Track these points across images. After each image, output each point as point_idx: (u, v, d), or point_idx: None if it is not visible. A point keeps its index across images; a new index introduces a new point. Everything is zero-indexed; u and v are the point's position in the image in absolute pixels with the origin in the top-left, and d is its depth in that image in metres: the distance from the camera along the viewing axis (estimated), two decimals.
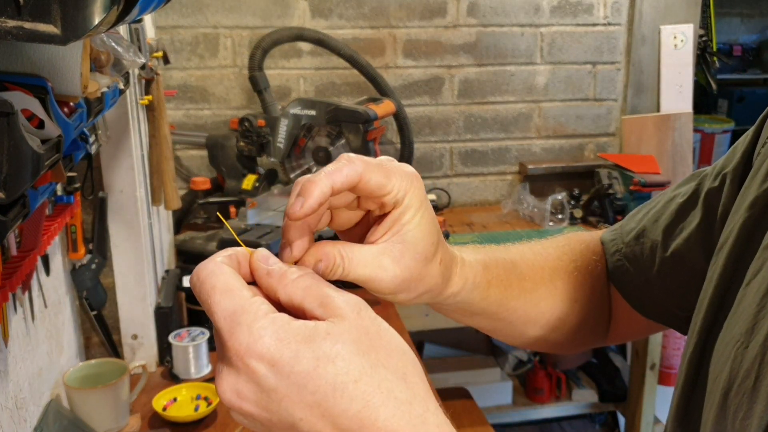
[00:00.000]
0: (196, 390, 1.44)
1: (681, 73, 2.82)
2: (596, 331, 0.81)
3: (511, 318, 0.73)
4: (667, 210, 0.75)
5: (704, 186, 0.71)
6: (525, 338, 0.77)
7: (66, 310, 1.43)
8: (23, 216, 0.70)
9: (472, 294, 0.67)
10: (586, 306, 0.78)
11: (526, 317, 0.74)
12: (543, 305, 0.75)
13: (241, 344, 0.43)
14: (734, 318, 0.57)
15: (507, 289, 0.71)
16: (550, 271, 0.76)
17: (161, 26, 2.49)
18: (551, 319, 0.76)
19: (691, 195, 0.73)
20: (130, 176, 1.48)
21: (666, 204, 0.76)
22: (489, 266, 0.69)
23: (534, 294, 0.74)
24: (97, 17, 0.48)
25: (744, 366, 0.53)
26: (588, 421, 3.03)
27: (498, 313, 0.71)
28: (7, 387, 1.07)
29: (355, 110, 2.25)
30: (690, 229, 0.71)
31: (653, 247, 0.74)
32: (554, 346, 0.80)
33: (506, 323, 0.74)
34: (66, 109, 0.79)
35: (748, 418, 0.51)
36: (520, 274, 0.73)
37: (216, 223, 2.40)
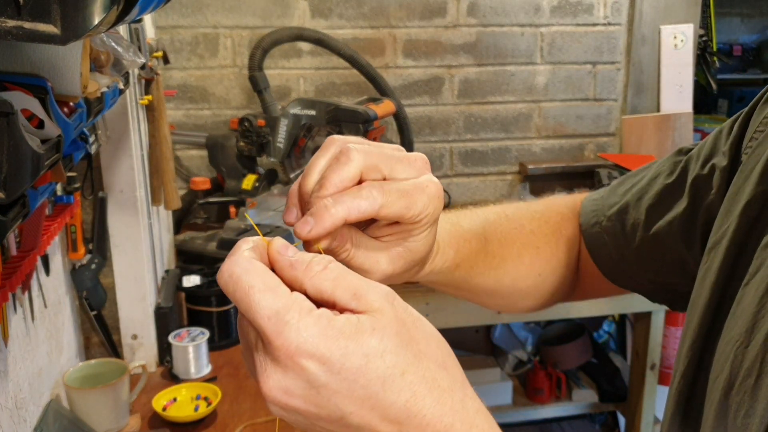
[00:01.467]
0: (195, 390, 1.44)
1: (681, 73, 2.82)
2: (557, 296, 0.84)
3: (474, 291, 0.77)
4: (652, 189, 0.76)
5: (690, 170, 0.72)
6: (486, 305, 0.82)
7: (66, 310, 1.43)
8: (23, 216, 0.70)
9: (439, 276, 0.70)
10: (549, 278, 0.81)
11: (489, 291, 0.78)
12: (506, 280, 0.77)
13: (291, 343, 0.43)
14: (734, 318, 0.57)
15: (473, 269, 0.73)
16: (520, 245, 0.79)
17: (161, 26, 2.49)
18: (513, 291, 0.79)
19: (677, 178, 0.73)
20: (130, 176, 1.48)
21: (650, 182, 0.76)
22: (460, 249, 0.71)
23: (499, 270, 0.76)
24: (97, 17, 0.48)
25: (745, 365, 0.53)
26: (588, 421, 3.03)
27: (461, 288, 0.75)
28: (7, 387, 1.07)
29: (355, 110, 2.24)
30: (674, 214, 0.72)
31: (634, 225, 0.76)
32: (514, 309, 0.84)
33: (469, 294, 0.78)
34: (66, 109, 0.79)
35: (749, 417, 0.51)
36: (490, 252, 0.75)
37: (216, 222, 2.40)
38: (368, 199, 0.52)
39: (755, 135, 0.64)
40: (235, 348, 1.68)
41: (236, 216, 2.22)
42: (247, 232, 1.97)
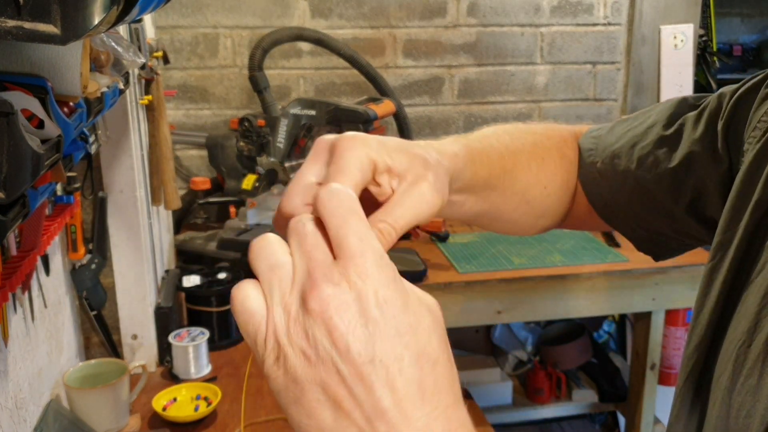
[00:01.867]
0: (195, 390, 1.44)
1: (681, 73, 2.82)
2: (556, 217, 0.84)
3: (488, 202, 0.74)
4: (646, 138, 0.76)
5: (688, 127, 0.72)
6: (494, 223, 0.80)
7: (66, 310, 1.43)
8: (23, 216, 0.70)
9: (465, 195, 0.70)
10: (552, 194, 0.80)
11: (501, 201, 0.76)
12: (518, 187, 0.76)
13: (368, 270, 0.42)
14: (738, 317, 0.57)
15: (491, 177, 0.72)
16: (527, 154, 0.78)
17: (161, 26, 2.49)
18: (521, 202, 0.78)
19: (673, 133, 0.73)
20: (130, 176, 1.48)
21: (647, 130, 0.77)
22: (475, 161, 0.70)
23: (511, 175, 0.75)
24: (97, 17, 0.48)
25: (747, 365, 0.53)
26: (588, 421, 3.03)
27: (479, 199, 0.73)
28: (7, 387, 1.07)
29: (355, 110, 2.24)
30: (664, 168, 0.73)
31: (625, 172, 0.77)
32: (517, 227, 0.82)
33: (484, 205, 0.75)
34: (66, 109, 0.79)
35: (750, 417, 0.51)
36: (502, 158, 0.75)
37: (216, 222, 2.40)
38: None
39: (759, 125, 0.63)
40: (235, 348, 1.68)
41: (236, 216, 2.22)
42: (247, 232, 1.97)
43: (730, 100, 0.69)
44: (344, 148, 0.52)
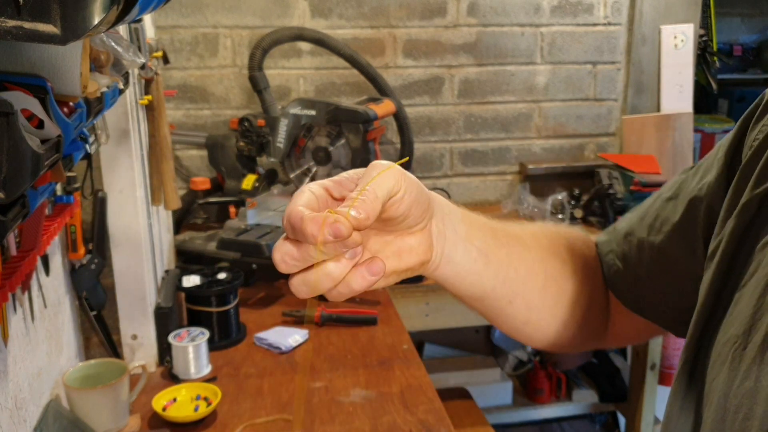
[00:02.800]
0: (195, 390, 1.44)
1: (681, 73, 2.82)
2: (594, 328, 0.81)
3: (507, 296, 0.73)
4: (652, 207, 0.76)
5: (688, 183, 0.72)
6: (520, 324, 0.77)
7: (66, 310, 1.43)
8: (23, 216, 0.70)
9: (469, 275, 0.68)
10: (581, 291, 0.78)
11: (521, 295, 0.74)
12: (538, 281, 0.75)
13: None
14: (730, 320, 0.57)
15: (503, 262, 0.71)
16: (545, 249, 0.77)
17: (161, 26, 2.49)
18: (542, 305, 0.76)
19: (675, 191, 0.74)
20: (130, 176, 1.48)
21: (652, 202, 0.77)
22: (484, 240, 0.70)
23: (527, 266, 0.74)
24: (96, 17, 0.48)
25: (743, 367, 0.53)
26: (588, 421, 3.03)
27: (494, 292, 0.72)
28: (7, 387, 1.07)
29: (355, 110, 2.24)
30: (672, 223, 0.72)
31: (640, 244, 0.75)
32: (546, 332, 0.79)
33: (501, 302, 0.73)
34: (66, 109, 0.79)
35: (749, 419, 0.51)
36: (517, 244, 0.74)
37: (216, 222, 2.40)
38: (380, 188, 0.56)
39: (753, 142, 0.63)
40: (235, 348, 1.68)
41: (236, 216, 2.22)
42: (247, 232, 1.97)
43: (737, 130, 0.68)
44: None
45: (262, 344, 1.69)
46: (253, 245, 1.88)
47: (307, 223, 0.52)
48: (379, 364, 1.60)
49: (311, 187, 0.57)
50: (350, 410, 1.42)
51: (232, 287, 1.70)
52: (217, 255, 1.96)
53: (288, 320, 1.80)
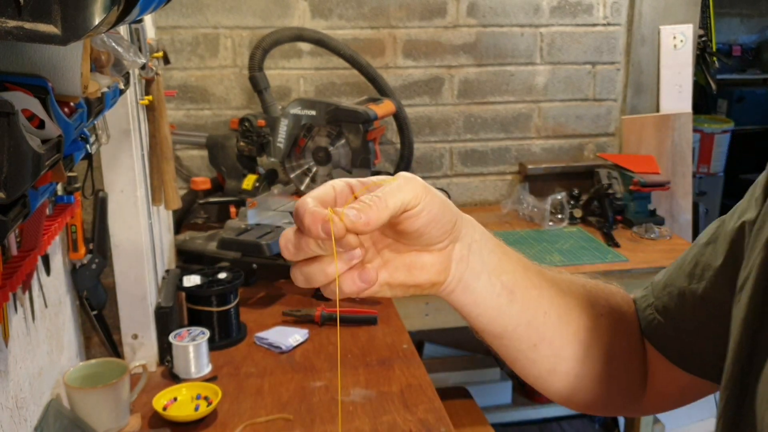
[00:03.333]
0: (196, 390, 1.44)
1: (680, 73, 2.83)
2: (631, 389, 0.76)
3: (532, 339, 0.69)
4: (689, 255, 0.73)
5: (725, 226, 0.69)
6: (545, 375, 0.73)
7: (66, 309, 1.44)
8: (23, 216, 0.70)
9: (491, 309, 0.66)
10: (618, 346, 0.74)
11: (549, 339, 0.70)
12: (568, 330, 0.71)
13: None
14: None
15: (530, 300, 0.68)
16: (578, 294, 0.73)
17: (161, 26, 2.49)
18: (572, 354, 0.71)
19: (713, 235, 0.71)
20: (131, 176, 1.48)
21: (689, 250, 0.73)
22: (511, 273, 0.67)
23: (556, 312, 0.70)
24: (97, 17, 0.48)
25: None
26: (588, 420, 3.03)
27: (517, 330, 0.68)
28: (8, 386, 1.07)
29: (355, 110, 2.25)
30: (714, 268, 0.68)
31: (681, 294, 0.72)
32: (585, 391, 0.74)
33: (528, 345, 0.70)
34: (66, 109, 0.79)
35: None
36: (546, 283, 0.70)
37: (216, 222, 2.40)
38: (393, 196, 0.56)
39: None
40: (235, 347, 1.68)
41: (236, 216, 2.22)
42: (247, 232, 1.98)
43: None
44: None
45: (262, 344, 1.69)
46: (253, 245, 1.89)
47: (307, 216, 0.53)
48: (379, 364, 1.60)
49: (335, 182, 0.58)
50: (350, 410, 1.42)
51: (233, 287, 1.70)
52: (218, 255, 1.96)
53: (288, 320, 1.80)
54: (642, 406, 0.78)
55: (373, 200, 0.54)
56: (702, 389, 0.73)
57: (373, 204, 0.54)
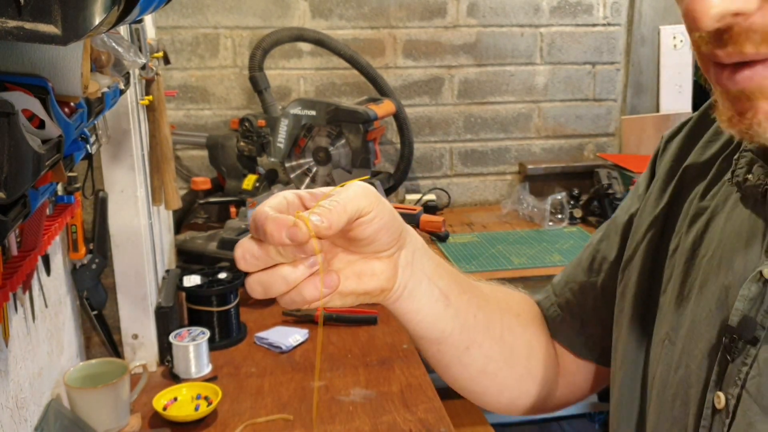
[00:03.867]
0: (196, 389, 1.44)
1: (680, 74, 2.83)
2: (548, 386, 0.81)
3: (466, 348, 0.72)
4: (585, 253, 0.80)
5: (615, 222, 0.77)
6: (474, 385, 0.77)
7: (66, 309, 1.44)
8: (24, 216, 0.70)
9: (429, 316, 0.69)
10: (536, 344, 0.79)
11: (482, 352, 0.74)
12: (495, 332, 0.75)
13: None
14: (659, 322, 0.64)
15: (464, 308, 0.71)
16: (502, 302, 0.78)
17: (162, 26, 2.49)
18: (505, 355, 0.76)
19: (604, 233, 0.78)
20: (131, 176, 1.48)
21: (584, 249, 0.81)
22: (448, 282, 0.70)
23: (489, 316, 0.75)
24: (97, 17, 0.48)
25: (674, 359, 0.60)
26: (588, 420, 3.03)
27: (452, 339, 0.71)
28: (8, 387, 1.07)
29: (355, 110, 2.25)
30: (609, 260, 0.76)
31: (582, 288, 0.79)
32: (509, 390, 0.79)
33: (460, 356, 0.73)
34: (66, 109, 0.79)
35: (686, 404, 0.58)
36: (477, 294, 0.75)
37: (216, 222, 2.40)
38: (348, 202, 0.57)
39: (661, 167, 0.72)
40: (235, 347, 1.68)
41: (237, 216, 2.22)
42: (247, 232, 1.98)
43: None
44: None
45: (262, 344, 1.69)
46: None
47: (269, 223, 0.53)
48: (379, 364, 1.60)
49: (285, 193, 0.59)
50: (350, 409, 1.42)
51: (233, 287, 1.70)
52: (218, 255, 1.97)
53: (288, 320, 1.80)
54: (555, 400, 0.84)
55: (332, 205, 0.56)
56: (608, 377, 0.78)
57: (333, 208, 0.55)
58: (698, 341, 0.58)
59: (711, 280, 0.58)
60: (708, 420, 0.55)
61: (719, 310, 0.56)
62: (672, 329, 0.61)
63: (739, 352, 0.53)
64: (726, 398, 0.54)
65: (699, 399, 0.56)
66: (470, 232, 2.53)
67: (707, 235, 0.61)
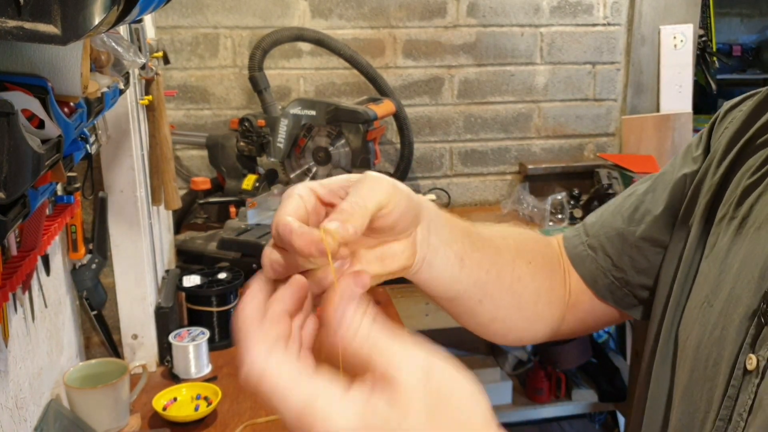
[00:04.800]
0: (196, 390, 1.44)
1: (680, 73, 2.83)
2: (553, 322, 0.84)
3: (479, 298, 0.75)
4: (628, 201, 0.82)
5: (664, 177, 0.79)
6: (490, 324, 0.80)
7: (66, 310, 1.44)
8: (23, 216, 0.70)
9: (444, 279, 0.70)
10: (544, 288, 0.82)
11: (495, 297, 0.77)
12: (506, 279, 0.77)
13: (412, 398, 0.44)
14: (698, 286, 0.67)
15: (478, 265, 0.73)
16: (514, 251, 0.80)
17: (161, 26, 2.49)
18: (514, 300, 0.79)
19: (650, 186, 0.81)
20: (131, 176, 1.48)
21: (626, 198, 0.83)
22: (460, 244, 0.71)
23: (501, 266, 0.76)
24: (97, 17, 0.48)
25: (711, 320, 0.62)
26: (588, 420, 3.03)
27: (467, 294, 0.74)
28: (8, 387, 1.07)
29: (355, 110, 2.25)
30: (654, 213, 0.78)
31: (620, 235, 0.81)
32: (516, 330, 0.82)
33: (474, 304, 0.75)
34: (66, 109, 0.79)
35: (718, 364, 0.60)
36: (489, 247, 0.76)
37: (216, 222, 2.40)
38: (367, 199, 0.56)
39: (722, 137, 0.74)
40: (236, 348, 1.68)
41: (236, 216, 2.22)
42: (247, 232, 1.98)
43: (702, 134, 0.78)
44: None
45: None
46: (253, 245, 1.89)
47: (295, 239, 0.52)
48: None
49: (300, 191, 0.57)
50: None
51: (233, 287, 1.70)
52: (218, 255, 1.97)
53: None
54: (561, 333, 0.87)
55: (353, 207, 0.54)
56: (612, 319, 0.85)
57: (355, 211, 0.54)
58: (737, 305, 0.60)
59: (758, 249, 0.61)
60: (738, 380, 0.58)
61: (762, 278, 0.59)
62: (712, 292, 0.64)
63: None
64: (758, 360, 0.56)
65: (732, 360, 0.59)
66: None
67: (756, 207, 0.64)
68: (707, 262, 0.67)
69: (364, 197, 0.55)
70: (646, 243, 0.78)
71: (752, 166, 0.68)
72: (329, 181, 0.59)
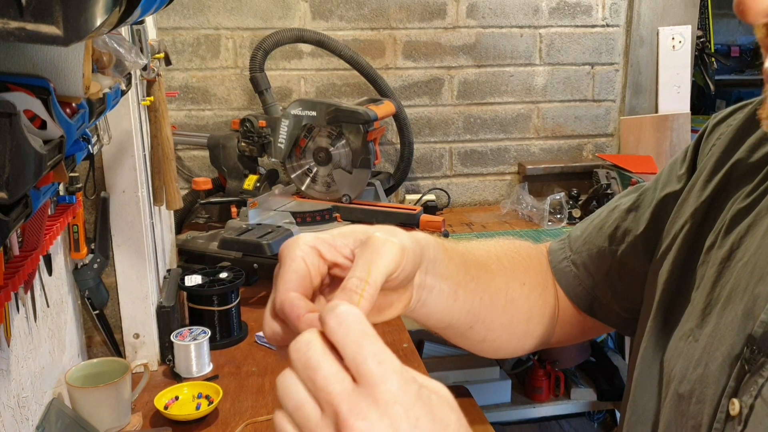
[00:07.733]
0: (197, 388, 1.44)
1: (679, 74, 2.83)
2: (543, 336, 0.84)
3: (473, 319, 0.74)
4: (611, 218, 0.81)
5: (646, 196, 0.78)
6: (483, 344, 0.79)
7: (68, 309, 1.44)
8: (25, 216, 0.70)
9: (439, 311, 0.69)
10: (536, 307, 0.82)
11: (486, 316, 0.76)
12: (500, 298, 0.77)
13: (394, 394, 0.45)
14: (686, 317, 0.65)
15: (468, 285, 0.72)
16: (507, 266, 0.80)
17: (163, 27, 2.50)
18: (506, 300, 0.78)
19: (633, 204, 0.79)
20: (132, 176, 1.49)
21: (609, 213, 0.82)
22: (468, 265, 0.72)
23: (493, 284, 0.76)
24: (99, 19, 0.49)
25: (695, 356, 0.61)
26: (587, 419, 3.03)
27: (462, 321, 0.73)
28: (10, 386, 1.08)
29: (356, 111, 2.25)
30: (635, 233, 0.77)
31: (600, 253, 0.81)
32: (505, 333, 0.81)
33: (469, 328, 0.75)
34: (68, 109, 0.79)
35: (701, 402, 0.59)
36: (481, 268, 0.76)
37: (217, 222, 2.41)
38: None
39: (710, 154, 0.71)
40: (236, 347, 1.69)
41: (237, 216, 2.23)
42: (248, 232, 1.98)
43: (687, 150, 0.76)
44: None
45: (263, 343, 1.70)
46: (254, 244, 1.89)
47: (302, 325, 0.51)
48: None
49: (302, 251, 0.55)
50: None
51: (234, 286, 1.71)
52: (219, 254, 1.97)
53: None
54: (550, 344, 0.88)
55: (360, 285, 0.52)
56: (599, 331, 0.87)
57: (363, 289, 0.52)
58: (720, 344, 0.58)
59: (742, 285, 0.59)
60: (721, 423, 0.56)
61: (745, 318, 0.57)
62: (697, 326, 0.62)
63: (759, 365, 0.54)
64: (740, 406, 0.55)
65: (715, 401, 0.57)
66: (470, 232, 2.54)
67: (746, 239, 0.61)
68: (696, 293, 0.65)
69: (371, 270, 0.53)
70: (626, 264, 0.78)
71: (743, 192, 0.65)
72: (333, 236, 0.57)
